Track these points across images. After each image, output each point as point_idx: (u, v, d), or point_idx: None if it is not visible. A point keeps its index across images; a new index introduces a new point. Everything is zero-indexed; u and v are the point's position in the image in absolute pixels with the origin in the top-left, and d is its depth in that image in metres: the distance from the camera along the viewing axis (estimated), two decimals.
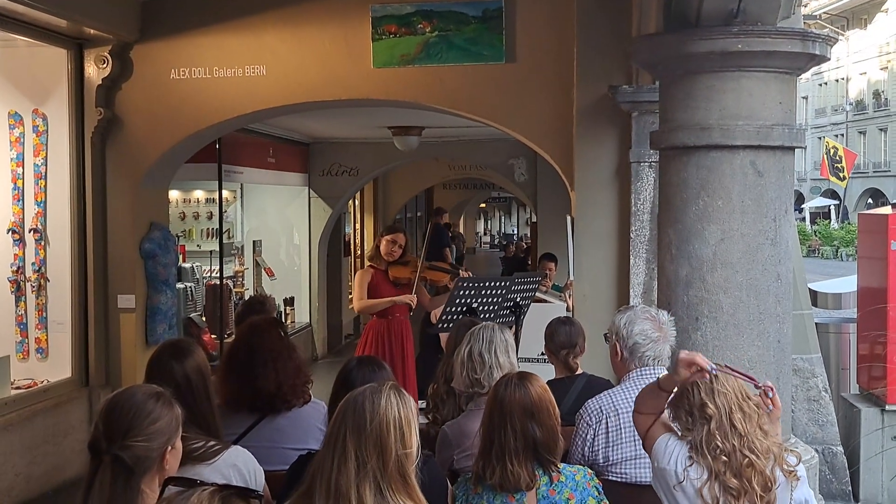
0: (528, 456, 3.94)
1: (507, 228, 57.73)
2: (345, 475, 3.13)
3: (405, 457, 3.18)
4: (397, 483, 3.16)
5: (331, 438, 3.24)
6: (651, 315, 4.99)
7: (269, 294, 14.07)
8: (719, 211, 5.84)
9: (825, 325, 10.24)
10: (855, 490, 8.93)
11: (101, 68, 9.44)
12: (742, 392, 3.90)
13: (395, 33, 9.23)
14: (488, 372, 4.92)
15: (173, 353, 4.23)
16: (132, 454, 3.06)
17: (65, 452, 9.10)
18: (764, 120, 5.84)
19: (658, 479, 4.01)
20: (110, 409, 3.16)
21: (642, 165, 8.40)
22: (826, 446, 8.85)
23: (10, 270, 9.32)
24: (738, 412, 3.84)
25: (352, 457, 3.15)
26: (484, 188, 28.97)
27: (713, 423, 3.83)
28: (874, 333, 9.07)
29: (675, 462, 3.90)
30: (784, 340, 5.97)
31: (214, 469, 3.88)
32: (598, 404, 4.89)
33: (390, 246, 9.20)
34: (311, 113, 11.94)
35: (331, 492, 3.14)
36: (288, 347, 5.03)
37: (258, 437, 4.79)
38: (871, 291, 9.45)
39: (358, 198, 21.06)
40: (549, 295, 10.40)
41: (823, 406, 8.93)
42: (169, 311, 10.02)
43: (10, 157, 9.36)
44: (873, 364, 9.16)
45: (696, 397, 3.88)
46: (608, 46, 8.48)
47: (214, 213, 14.74)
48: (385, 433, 3.17)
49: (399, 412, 3.22)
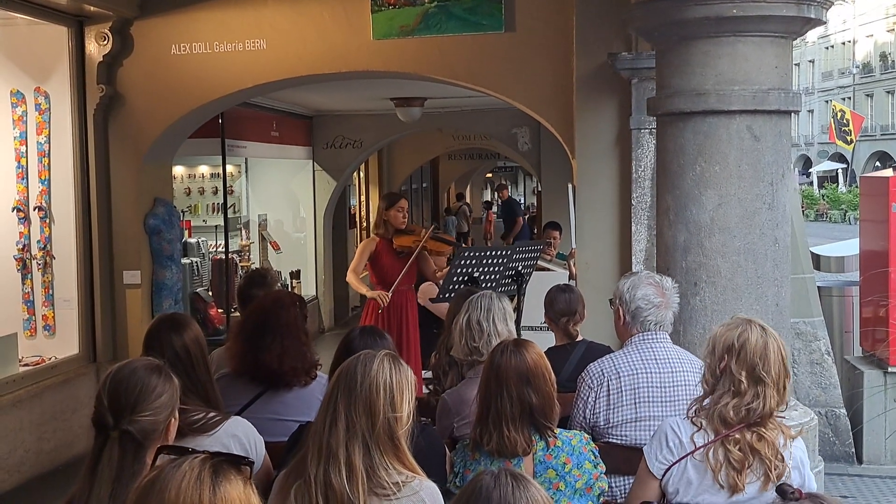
0: (525, 422, 3.98)
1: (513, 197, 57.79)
2: (335, 435, 3.21)
3: (394, 420, 3.24)
4: (385, 445, 3.22)
5: (325, 401, 3.32)
6: (654, 281, 5.01)
7: (273, 268, 14.21)
8: (716, 176, 5.88)
9: (828, 289, 10.26)
10: (858, 451, 8.97)
11: (101, 45, 9.46)
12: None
13: (393, 4, 9.22)
14: (486, 340, 4.95)
15: (172, 326, 4.28)
16: (140, 427, 3.10)
17: (73, 428, 9.16)
18: (760, 84, 5.88)
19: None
20: (114, 385, 3.18)
21: (643, 132, 8.39)
22: (829, 409, 8.89)
23: (15, 249, 9.36)
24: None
25: (342, 417, 3.22)
26: (489, 158, 28.89)
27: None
28: (876, 297, 9.10)
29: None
30: (782, 304, 6.02)
31: (215, 439, 3.92)
32: (599, 368, 4.93)
33: (398, 214, 9.27)
34: (312, 86, 11.93)
35: (322, 451, 3.22)
36: (300, 328, 5.04)
37: (261, 408, 4.85)
38: (872, 254, 9.47)
39: (362, 170, 21.06)
40: (554, 263, 10.45)
41: (826, 369, 8.97)
42: (175, 286, 10.06)
43: (14, 136, 9.37)
44: (876, 327, 9.19)
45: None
46: (606, 14, 8.45)
47: (219, 188, 14.78)
48: (374, 395, 3.23)
49: (390, 377, 3.28)
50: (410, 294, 9.38)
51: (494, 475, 2.57)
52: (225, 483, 2.28)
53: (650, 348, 4.89)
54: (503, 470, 2.61)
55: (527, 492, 2.52)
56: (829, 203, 55.29)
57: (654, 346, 4.90)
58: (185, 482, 2.25)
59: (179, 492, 2.24)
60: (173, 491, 2.24)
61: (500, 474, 2.57)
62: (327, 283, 17.83)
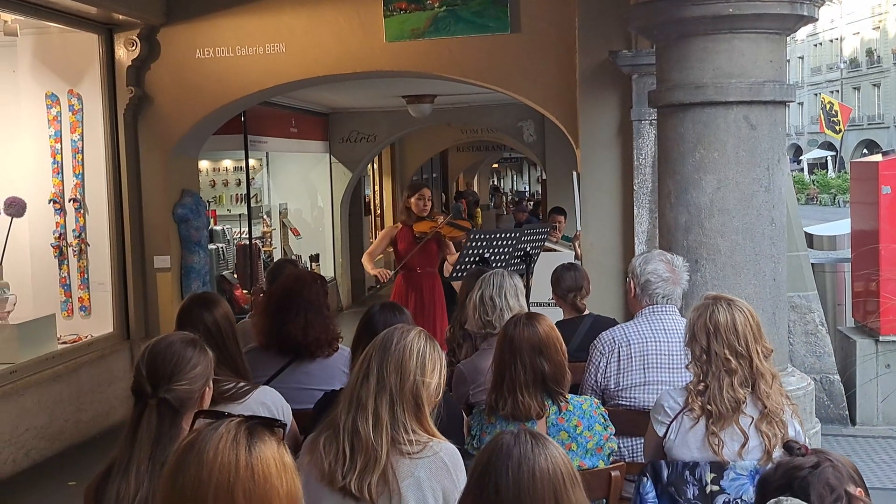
0: (538, 388, 4.02)
1: (518, 186, 58.03)
2: (366, 388, 3.26)
3: (422, 384, 3.28)
4: (409, 404, 3.26)
5: (360, 362, 3.37)
6: (666, 258, 5.09)
7: (294, 252, 14.40)
8: (715, 162, 5.92)
9: (821, 265, 10.35)
10: (851, 414, 9.07)
11: (130, 50, 9.55)
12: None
13: (405, 9, 9.25)
14: (499, 314, 5.01)
15: (202, 304, 4.37)
16: (176, 396, 3.13)
17: (109, 399, 9.34)
18: (756, 77, 5.92)
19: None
20: (152, 356, 3.22)
21: (643, 123, 8.44)
22: (823, 375, 8.98)
23: (52, 237, 9.49)
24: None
25: (374, 372, 3.27)
26: (495, 149, 28.89)
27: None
28: (868, 272, 9.17)
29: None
30: (779, 278, 6.07)
31: (245, 407, 3.97)
32: (611, 335, 5.01)
33: (420, 203, 9.32)
34: (329, 85, 11.96)
35: (352, 401, 3.27)
36: (323, 303, 5.10)
37: (287, 378, 4.91)
38: (863, 234, 9.54)
39: (376, 162, 21.15)
40: (560, 245, 10.49)
41: (820, 339, 9.06)
42: (202, 269, 10.19)
43: (49, 135, 9.51)
44: (867, 299, 9.28)
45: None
46: (607, 14, 8.47)
47: (242, 180, 14.91)
48: (406, 356, 3.28)
49: (424, 347, 3.34)
50: (435, 275, 9.42)
51: (514, 434, 2.57)
52: (259, 443, 2.30)
53: (659, 319, 4.96)
54: (522, 429, 2.62)
55: (545, 449, 2.53)
56: (819, 188, 55.31)
57: (663, 318, 4.97)
58: (222, 443, 2.28)
59: (217, 452, 2.27)
60: (211, 451, 2.27)
61: (520, 433, 2.57)
62: (344, 266, 18.01)
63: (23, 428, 8.25)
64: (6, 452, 8.04)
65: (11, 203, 8.68)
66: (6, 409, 8.06)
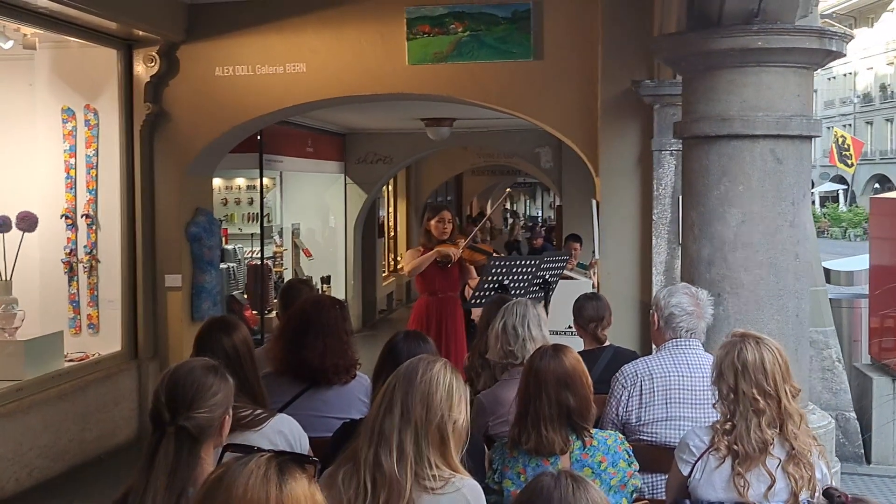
0: (562, 422, 3.94)
1: (531, 211, 58.23)
2: (389, 420, 3.17)
3: (448, 419, 3.19)
4: (434, 439, 3.17)
5: (381, 394, 3.28)
6: (690, 292, 5.03)
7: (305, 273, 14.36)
8: (740, 195, 5.85)
9: (838, 300, 10.33)
10: (867, 452, 9.02)
11: (149, 67, 9.55)
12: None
13: (428, 33, 9.26)
14: (521, 344, 4.95)
15: (222, 328, 4.28)
16: (195, 424, 3.06)
17: (115, 419, 9.28)
18: (783, 111, 5.85)
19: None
20: (172, 383, 3.15)
21: (664, 153, 8.42)
22: (839, 412, 8.95)
23: (63, 253, 9.46)
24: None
25: (398, 404, 3.19)
26: (510, 174, 28.92)
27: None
28: (889, 311, 9.15)
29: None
30: (802, 315, 5.99)
31: (262, 435, 3.90)
32: (634, 369, 4.94)
33: (440, 226, 9.26)
34: (347, 106, 11.95)
35: (374, 434, 3.18)
36: (342, 329, 4.98)
37: (304, 406, 4.80)
38: (882, 269, 9.56)
39: (391, 183, 21.19)
40: (575, 272, 10.43)
41: (837, 375, 9.03)
42: (214, 289, 10.14)
43: (64, 149, 9.51)
44: (884, 337, 9.24)
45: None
46: (630, 43, 8.49)
47: (255, 199, 14.87)
48: (433, 391, 3.20)
49: (450, 381, 3.26)
50: (456, 300, 9.35)
51: (555, 476, 2.54)
52: (291, 481, 2.24)
53: (682, 353, 4.89)
54: (563, 471, 2.58)
55: (586, 493, 2.49)
56: (830, 221, 55.39)
57: (686, 352, 4.90)
58: (252, 480, 2.21)
59: (247, 489, 2.20)
60: (241, 488, 2.20)
61: (560, 475, 2.54)
62: (356, 289, 17.96)
63: (27, 446, 8.18)
64: (10, 471, 7.96)
65: (24, 217, 8.60)
66: (11, 427, 8.00)
